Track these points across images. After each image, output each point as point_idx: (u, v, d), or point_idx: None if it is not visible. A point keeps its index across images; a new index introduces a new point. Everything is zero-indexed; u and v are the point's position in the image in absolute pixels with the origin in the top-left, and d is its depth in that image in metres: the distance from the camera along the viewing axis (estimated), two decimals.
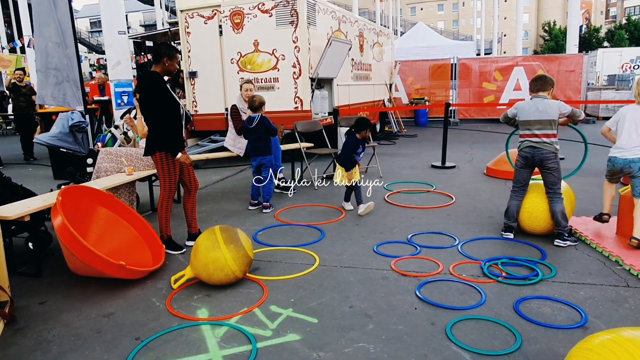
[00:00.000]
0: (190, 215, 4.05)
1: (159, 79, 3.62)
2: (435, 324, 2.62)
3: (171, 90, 3.70)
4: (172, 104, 3.66)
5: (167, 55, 3.61)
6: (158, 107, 3.56)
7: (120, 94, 7.17)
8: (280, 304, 2.91)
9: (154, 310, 2.87)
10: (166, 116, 3.60)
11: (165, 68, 3.65)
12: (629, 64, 27.78)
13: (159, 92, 3.57)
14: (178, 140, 3.73)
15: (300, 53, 7.57)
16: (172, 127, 3.67)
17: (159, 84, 3.59)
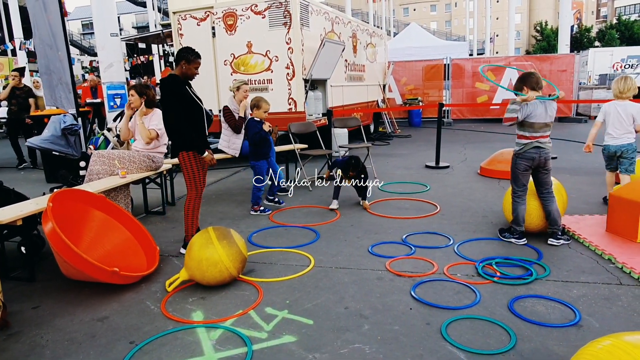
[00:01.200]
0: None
1: (178, 81, 3.66)
2: (430, 324, 2.63)
3: (192, 93, 3.72)
4: (193, 105, 3.70)
5: (185, 58, 3.62)
6: (178, 108, 3.61)
7: (113, 97, 7.13)
8: (275, 306, 2.91)
9: (149, 314, 2.86)
10: (188, 117, 3.64)
11: (184, 72, 3.66)
12: (620, 64, 28.01)
13: (178, 93, 3.60)
14: (202, 140, 3.79)
15: (294, 54, 7.57)
16: (195, 127, 3.71)
17: (177, 85, 3.62)
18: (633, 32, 48.05)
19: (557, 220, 3.80)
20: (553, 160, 7.43)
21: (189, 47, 3.71)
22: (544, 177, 3.84)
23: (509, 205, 4.06)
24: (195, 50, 3.71)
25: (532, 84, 3.73)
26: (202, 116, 3.81)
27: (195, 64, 3.66)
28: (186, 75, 3.68)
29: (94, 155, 4.50)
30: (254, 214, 4.96)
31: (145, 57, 19.56)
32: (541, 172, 3.84)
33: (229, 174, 7.37)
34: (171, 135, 3.76)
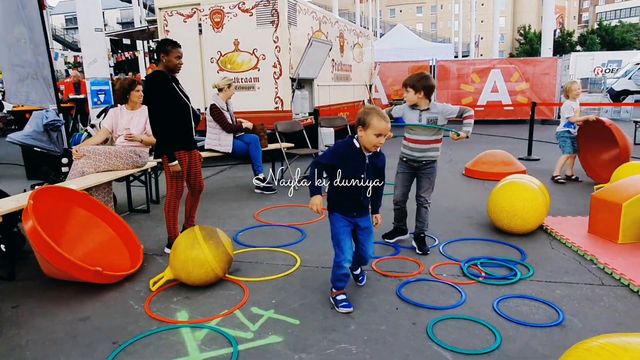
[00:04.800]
0: (188, 212, 4.08)
1: (163, 77, 3.55)
2: (416, 324, 2.64)
3: (179, 90, 3.62)
4: (179, 103, 3.59)
5: (163, 51, 3.50)
6: (162, 106, 3.49)
7: (97, 92, 7.01)
8: (261, 306, 2.89)
9: (132, 313, 2.81)
10: (172, 116, 3.52)
11: (166, 65, 3.54)
12: (601, 68, 28.61)
13: (162, 91, 3.49)
14: (186, 142, 3.68)
15: (281, 53, 7.54)
16: (180, 126, 3.60)
17: (162, 82, 3.51)
18: (613, 37, 49.10)
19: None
20: (536, 162, 7.62)
21: (164, 39, 3.60)
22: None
23: (494, 207, 4.10)
24: (172, 40, 3.57)
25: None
26: (188, 114, 3.72)
27: (174, 53, 3.50)
28: (170, 69, 3.56)
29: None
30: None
31: (130, 53, 19.32)
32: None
33: (214, 172, 7.32)
34: (155, 134, 3.67)
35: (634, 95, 16.96)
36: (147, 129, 4.72)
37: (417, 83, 3.49)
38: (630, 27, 52.48)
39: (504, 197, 4.04)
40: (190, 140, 3.77)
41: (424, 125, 3.59)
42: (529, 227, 4.00)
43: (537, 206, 3.96)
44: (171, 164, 3.59)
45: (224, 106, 5.77)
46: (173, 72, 3.61)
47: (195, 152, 3.87)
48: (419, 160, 3.68)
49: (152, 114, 3.55)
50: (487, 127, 13.15)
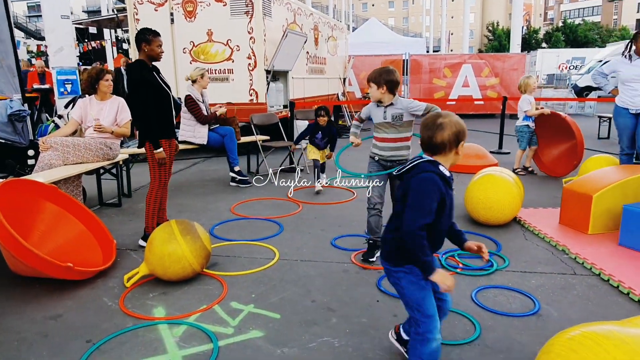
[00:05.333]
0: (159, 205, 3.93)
1: (145, 66, 3.54)
2: (397, 316, 2.65)
3: (161, 79, 3.60)
4: (160, 92, 3.58)
5: (145, 40, 3.50)
6: (144, 95, 3.48)
7: (63, 82, 6.74)
8: (241, 300, 2.84)
9: (106, 311, 2.72)
10: (154, 105, 3.52)
11: (148, 54, 3.55)
12: (565, 64, 29.47)
13: (144, 80, 3.48)
14: (166, 130, 3.66)
15: (256, 44, 7.42)
16: (161, 115, 3.60)
17: (144, 71, 3.51)
18: (577, 34, 50.62)
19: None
20: (507, 155, 7.78)
21: (144, 28, 3.57)
22: None
23: (471, 199, 4.16)
24: (152, 29, 3.58)
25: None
26: (169, 104, 3.70)
27: (155, 42, 3.53)
28: (152, 58, 3.57)
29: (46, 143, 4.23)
30: (213, 207, 4.83)
31: (97, 42, 18.68)
32: None
33: (188, 165, 7.17)
34: (137, 123, 3.65)
35: (597, 92, 17.54)
36: (118, 120, 4.57)
37: (379, 77, 3.23)
38: (592, 26, 54.23)
39: (481, 190, 4.10)
40: (171, 129, 3.77)
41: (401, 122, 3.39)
42: (504, 218, 4.08)
43: (513, 198, 4.03)
44: (156, 151, 3.60)
45: (199, 97, 5.64)
46: (154, 61, 3.63)
47: (173, 142, 3.83)
48: (391, 160, 3.41)
49: (135, 103, 3.58)
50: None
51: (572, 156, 5.96)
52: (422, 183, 1.83)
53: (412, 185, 1.85)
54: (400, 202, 1.93)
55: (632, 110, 4.91)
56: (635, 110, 4.89)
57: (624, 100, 4.96)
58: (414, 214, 1.81)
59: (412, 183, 1.85)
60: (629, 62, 4.88)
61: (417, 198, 1.83)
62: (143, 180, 6.00)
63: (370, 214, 3.48)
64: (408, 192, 1.86)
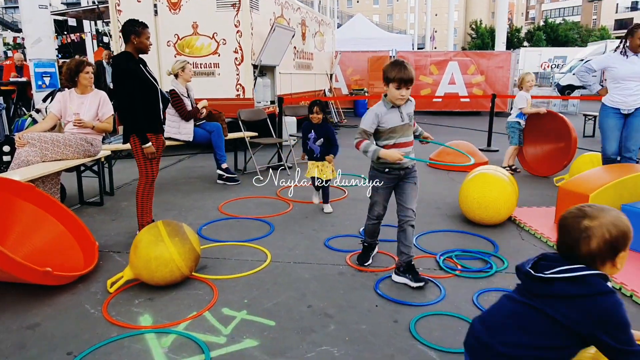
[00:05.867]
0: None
1: (131, 58, 3.39)
2: (398, 322, 2.53)
3: (147, 72, 3.44)
4: (147, 85, 3.43)
5: (134, 32, 3.36)
6: (130, 89, 3.33)
7: (42, 75, 6.46)
8: (232, 306, 2.69)
9: (89, 319, 2.54)
10: (141, 98, 3.37)
11: (136, 46, 3.40)
12: (547, 63, 29.81)
13: (130, 73, 3.33)
14: (153, 125, 3.51)
15: (243, 38, 7.24)
16: (148, 109, 3.45)
17: (131, 64, 3.35)
18: (558, 34, 51.35)
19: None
20: (495, 152, 7.75)
21: (132, 20, 3.43)
22: None
23: (465, 198, 4.07)
24: (141, 21, 3.44)
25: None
26: (157, 98, 3.55)
27: (145, 34, 3.41)
28: (140, 50, 3.43)
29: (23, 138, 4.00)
30: (201, 205, 4.65)
31: (77, 35, 18.18)
32: None
33: (173, 161, 6.95)
34: (122, 117, 3.49)
35: (580, 90, 17.75)
36: (100, 114, 4.36)
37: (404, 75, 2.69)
38: (572, 25, 55.05)
39: (476, 189, 4.01)
40: (159, 124, 3.63)
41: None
42: (500, 218, 4.01)
43: (508, 197, 3.96)
44: (145, 145, 3.45)
45: (183, 92, 5.44)
46: (142, 53, 3.48)
47: (161, 137, 3.68)
48: (406, 167, 2.98)
49: (121, 95, 3.42)
50: (444, 118, 13.35)
51: (560, 156, 5.93)
52: (616, 307, 1.40)
53: (599, 311, 1.39)
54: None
55: (623, 110, 4.66)
56: (627, 111, 4.66)
57: (614, 100, 4.67)
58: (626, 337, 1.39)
59: (596, 308, 1.39)
60: (625, 59, 4.59)
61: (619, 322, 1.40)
62: (126, 178, 5.79)
63: (371, 222, 3.22)
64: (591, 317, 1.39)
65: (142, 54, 3.50)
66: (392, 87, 2.76)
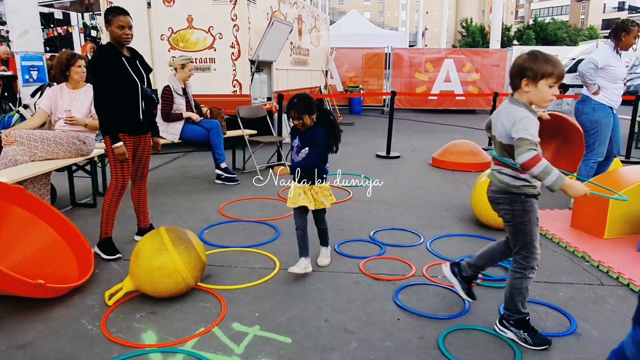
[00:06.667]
0: (137, 208, 3.53)
1: (110, 50, 3.06)
2: (424, 338, 2.34)
3: (131, 65, 3.10)
4: (125, 81, 3.08)
5: (105, 21, 3.03)
6: (106, 83, 3.00)
7: (29, 69, 6.15)
8: (243, 321, 2.48)
9: (86, 336, 2.31)
10: (114, 94, 3.03)
11: (112, 36, 3.04)
12: None
13: (104, 64, 2.99)
14: (129, 124, 3.18)
15: (240, 32, 6.99)
16: (122, 108, 3.10)
17: (107, 55, 3.02)
18: (547, 33, 51.65)
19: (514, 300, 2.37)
20: None
21: (109, 7, 3.11)
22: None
23: (479, 201, 3.89)
24: (116, 7, 3.06)
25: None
26: (136, 95, 3.17)
27: (116, 22, 2.99)
28: (116, 41, 3.07)
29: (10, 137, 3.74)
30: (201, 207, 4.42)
31: (64, 28, 17.69)
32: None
33: (168, 160, 6.69)
34: (97, 112, 3.16)
35: (574, 89, 17.73)
36: (93, 111, 4.10)
37: (562, 69, 2.12)
38: (561, 25, 55.43)
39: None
40: (136, 125, 3.24)
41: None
42: None
43: None
44: (114, 145, 3.08)
45: (178, 89, 5.20)
46: (120, 45, 3.11)
47: (145, 138, 3.35)
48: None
49: (94, 90, 3.09)
50: (439, 116, 13.22)
51: (568, 156, 5.79)
52: None
53: None
54: None
55: (614, 109, 4.54)
56: (615, 110, 4.57)
57: (611, 99, 4.49)
58: None
59: None
60: (618, 58, 4.44)
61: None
62: None
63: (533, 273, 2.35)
64: None
65: (122, 46, 3.11)
66: (543, 85, 2.10)
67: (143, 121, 3.28)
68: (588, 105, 4.53)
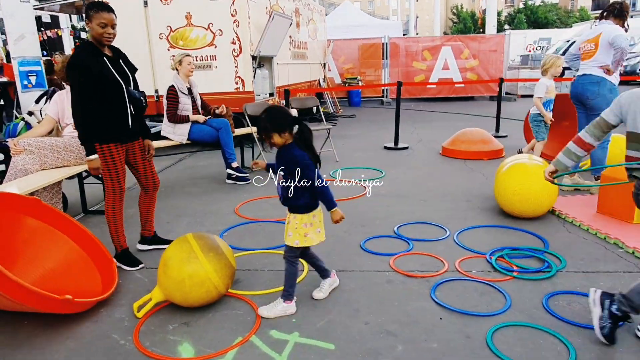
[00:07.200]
0: (144, 217, 3.37)
1: (89, 49, 2.76)
2: (471, 337, 2.26)
3: (113, 66, 2.82)
4: (106, 84, 2.78)
5: (86, 17, 2.71)
6: (85, 86, 2.70)
7: (27, 74, 5.99)
8: (281, 328, 2.38)
9: (120, 353, 2.21)
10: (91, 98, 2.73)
11: (93, 34, 2.74)
12: (532, 45, 29.79)
13: (85, 67, 2.68)
14: (114, 132, 2.89)
15: (240, 28, 6.83)
16: (109, 113, 2.83)
17: (85, 55, 2.72)
18: (537, 16, 51.47)
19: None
20: (503, 138, 7.51)
21: (89, 3, 2.78)
22: None
23: (504, 190, 3.81)
24: (97, 2, 2.76)
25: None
26: (121, 99, 2.87)
27: (98, 19, 2.67)
28: (96, 40, 2.76)
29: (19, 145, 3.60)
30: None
31: (53, 31, 17.40)
32: None
33: (174, 161, 6.56)
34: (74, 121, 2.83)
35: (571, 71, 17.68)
36: None
37: None
38: (552, 7, 55.26)
39: (515, 180, 3.74)
40: (126, 130, 2.95)
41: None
42: (541, 210, 3.77)
43: (551, 189, 3.70)
44: (88, 157, 2.83)
45: (183, 88, 5.06)
46: (101, 44, 2.81)
47: (138, 144, 3.09)
48: None
49: (72, 93, 2.76)
50: (438, 104, 13.12)
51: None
52: None
53: None
54: None
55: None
56: None
57: (617, 78, 4.42)
58: None
59: None
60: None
61: None
62: (131, 180, 5.38)
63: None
64: None
65: (102, 45, 2.79)
66: None
67: (132, 126, 2.99)
68: (604, 87, 4.41)
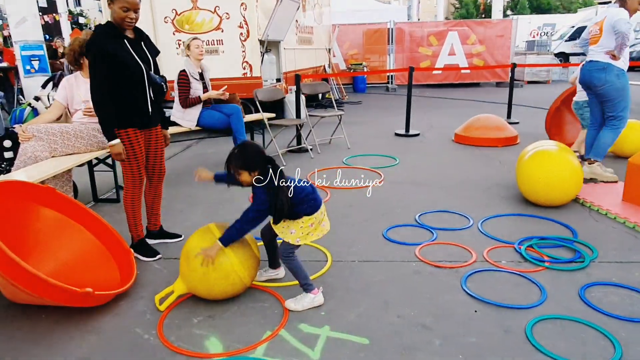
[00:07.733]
0: (149, 209, 3.23)
1: (109, 30, 2.64)
2: (509, 331, 2.17)
3: (134, 49, 2.69)
4: (127, 67, 2.67)
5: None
6: (104, 70, 2.60)
7: (29, 59, 5.83)
8: (310, 321, 2.29)
9: (144, 348, 2.12)
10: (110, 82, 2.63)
11: (114, 17, 2.62)
12: (537, 31, 29.49)
13: (104, 50, 2.58)
14: (134, 117, 2.79)
15: (248, 11, 6.67)
16: (129, 98, 2.73)
17: (104, 37, 2.61)
18: (540, 1, 50.90)
19: None
20: (515, 125, 7.38)
21: None
22: None
23: (528, 179, 3.70)
24: None
25: None
26: (142, 82, 2.77)
27: (120, 2, 2.57)
28: (117, 23, 2.65)
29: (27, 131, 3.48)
30: None
31: (50, 16, 17.12)
32: None
33: (181, 148, 6.44)
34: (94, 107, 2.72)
35: (579, 57, 17.48)
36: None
37: None
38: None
39: (540, 168, 3.63)
40: (145, 116, 2.86)
41: None
42: (567, 198, 3.66)
43: (578, 177, 3.60)
44: (110, 143, 2.73)
45: (194, 73, 4.92)
46: (121, 28, 2.68)
47: (155, 131, 2.98)
48: None
49: (91, 78, 2.65)
50: (445, 90, 12.96)
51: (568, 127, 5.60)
52: None
53: None
54: None
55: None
56: None
57: (626, 62, 4.21)
58: None
59: None
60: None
61: None
62: None
63: None
64: None
65: (123, 29, 2.69)
66: None
67: (152, 112, 2.89)
68: (611, 73, 4.20)
